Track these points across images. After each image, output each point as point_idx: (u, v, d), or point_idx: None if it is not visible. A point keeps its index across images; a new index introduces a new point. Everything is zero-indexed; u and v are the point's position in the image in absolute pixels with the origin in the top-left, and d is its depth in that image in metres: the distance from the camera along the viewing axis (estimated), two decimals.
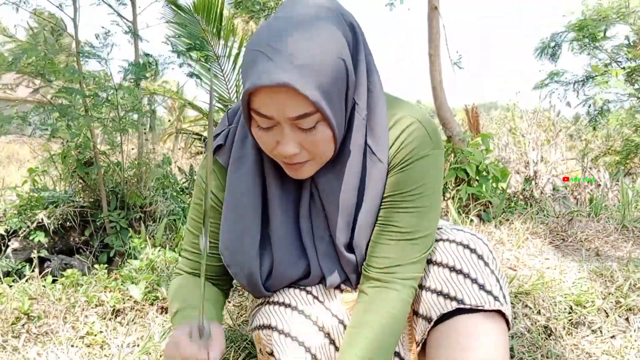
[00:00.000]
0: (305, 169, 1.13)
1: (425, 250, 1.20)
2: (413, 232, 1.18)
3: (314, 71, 0.97)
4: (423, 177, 1.17)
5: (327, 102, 1.01)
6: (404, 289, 1.18)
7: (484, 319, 1.17)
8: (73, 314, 1.89)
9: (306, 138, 1.06)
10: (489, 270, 1.21)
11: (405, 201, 1.18)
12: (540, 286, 2.03)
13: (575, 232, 2.88)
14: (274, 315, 1.23)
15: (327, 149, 1.10)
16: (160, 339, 1.66)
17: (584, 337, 1.94)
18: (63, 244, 4.06)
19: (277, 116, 1.01)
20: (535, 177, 5.27)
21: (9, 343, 1.73)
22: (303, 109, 0.99)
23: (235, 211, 1.24)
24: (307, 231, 1.25)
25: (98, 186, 4.03)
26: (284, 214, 1.24)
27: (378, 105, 1.18)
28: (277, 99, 0.99)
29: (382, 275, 1.18)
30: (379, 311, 1.17)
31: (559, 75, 6.97)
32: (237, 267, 1.25)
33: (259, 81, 0.96)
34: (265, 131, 1.07)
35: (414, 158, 1.17)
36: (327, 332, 1.23)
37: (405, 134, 1.18)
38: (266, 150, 1.12)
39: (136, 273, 2.26)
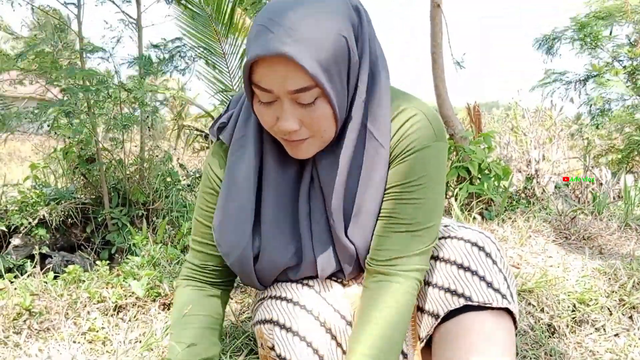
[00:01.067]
0: (306, 146, 1.13)
1: (429, 243, 1.19)
2: (415, 224, 1.17)
3: (314, 45, 0.98)
4: (425, 168, 1.17)
5: (326, 77, 1.01)
6: (407, 281, 1.17)
7: (491, 317, 1.17)
8: (75, 310, 1.89)
9: (306, 114, 1.06)
10: (497, 268, 1.21)
11: (407, 192, 1.17)
12: (543, 284, 2.03)
13: (578, 230, 2.87)
14: (276, 309, 1.23)
15: (328, 127, 1.10)
16: (162, 335, 1.65)
17: (588, 335, 1.93)
18: (64, 240, 4.05)
19: (277, 90, 1.02)
20: (536, 176, 5.27)
21: (11, 339, 1.72)
22: (302, 82, 1.00)
23: (231, 190, 1.24)
24: (305, 215, 1.25)
25: (100, 183, 4.03)
26: (279, 196, 1.24)
27: (382, 91, 1.18)
28: (277, 71, 1.00)
29: (384, 268, 1.18)
30: (383, 306, 1.16)
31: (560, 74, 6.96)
32: (227, 246, 1.25)
33: (259, 51, 0.98)
34: (266, 106, 1.08)
35: (415, 148, 1.16)
36: (328, 327, 1.23)
37: (408, 125, 1.17)
38: (266, 126, 1.12)
39: (138, 269, 2.26)
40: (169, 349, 1.29)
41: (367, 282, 1.21)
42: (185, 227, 3.21)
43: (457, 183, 4.03)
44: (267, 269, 1.26)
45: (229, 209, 1.24)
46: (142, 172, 4.27)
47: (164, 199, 4.19)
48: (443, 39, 4.42)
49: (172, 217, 4.00)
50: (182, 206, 4.24)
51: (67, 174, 4.34)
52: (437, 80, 4.39)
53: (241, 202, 1.23)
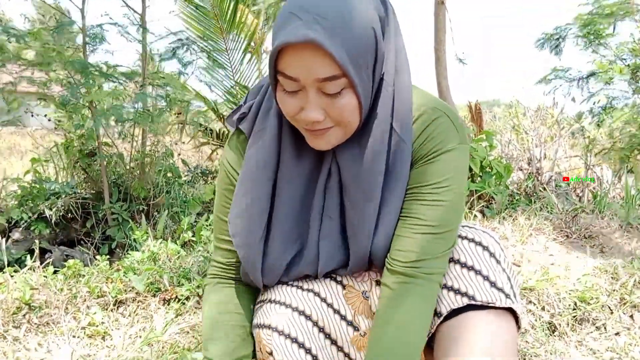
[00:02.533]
0: (328, 137, 1.11)
1: (451, 245, 1.18)
2: (439, 226, 1.16)
3: (343, 33, 0.97)
4: (449, 170, 1.16)
5: (354, 67, 1.00)
6: (430, 284, 1.16)
7: (494, 316, 1.16)
8: (74, 305, 1.88)
9: (331, 104, 1.04)
10: (501, 268, 1.20)
11: (432, 194, 1.16)
12: (544, 282, 2.02)
13: (579, 229, 2.87)
14: (275, 315, 1.21)
15: (352, 117, 1.08)
16: (162, 330, 1.65)
17: (588, 333, 1.93)
18: (64, 235, 4.05)
19: (303, 78, 1.00)
20: (537, 174, 5.26)
21: (10, 333, 1.72)
22: (330, 70, 0.98)
23: (246, 182, 1.22)
24: (318, 210, 1.23)
25: (100, 178, 4.02)
26: (294, 191, 1.22)
27: (404, 87, 1.17)
28: (304, 59, 0.98)
29: (407, 269, 1.16)
30: (406, 308, 1.15)
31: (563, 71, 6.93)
32: (240, 239, 1.24)
33: (287, 38, 0.96)
34: (290, 95, 1.06)
35: (441, 150, 1.16)
36: (328, 332, 1.22)
37: (433, 126, 1.16)
38: (289, 115, 1.10)
39: (138, 264, 2.25)
40: (203, 347, 1.27)
41: (388, 281, 1.19)
42: (185, 222, 3.21)
43: None
44: (274, 265, 1.25)
45: (244, 201, 1.23)
46: (143, 167, 4.27)
47: (165, 194, 4.19)
48: (446, 36, 4.42)
49: (172, 212, 4.00)
50: (182, 201, 4.23)
51: (68, 168, 4.34)
52: (440, 77, 4.39)
53: (256, 196, 1.22)
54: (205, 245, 2.64)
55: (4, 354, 1.62)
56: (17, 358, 1.60)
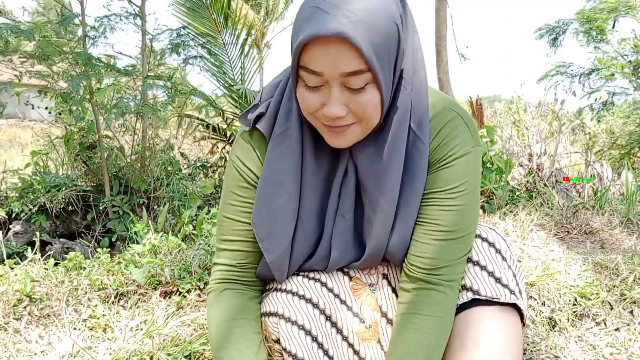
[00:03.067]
0: (350, 133, 1.09)
1: (468, 250, 1.19)
2: (457, 231, 1.16)
3: (369, 28, 0.96)
4: (465, 174, 1.16)
5: (378, 62, 0.99)
6: (451, 291, 1.17)
7: (499, 312, 1.17)
8: (75, 297, 1.88)
9: (354, 99, 1.03)
10: (506, 264, 1.20)
11: (449, 199, 1.16)
12: (545, 277, 2.02)
13: (580, 225, 2.87)
14: (281, 302, 1.21)
15: (374, 114, 1.07)
16: (163, 323, 1.65)
17: (588, 329, 1.93)
18: (65, 227, 4.05)
19: (328, 72, 0.99)
20: (538, 170, 5.26)
21: (11, 325, 1.72)
22: (356, 64, 0.98)
23: (275, 186, 1.20)
24: (333, 210, 1.23)
25: (101, 170, 4.02)
26: (315, 192, 1.22)
27: (421, 86, 1.16)
28: (330, 53, 0.97)
29: (428, 276, 1.16)
30: (429, 315, 1.15)
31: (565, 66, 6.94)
32: (271, 243, 1.21)
33: (314, 31, 0.95)
34: (312, 91, 1.05)
35: (456, 155, 1.15)
36: (334, 321, 1.22)
37: (448, 129, 1.16)
38: (309, 111, 1.09)
39: (139, 257, 2.25)
40: (215, 356, 1.24)
41: (409, 287, 1.19)
42: (186, 215, 3.21)
43: None
44: (293, 264, 1.24)
45: (273, 204, 1.20)
46: (144, 161, 4.27)
47: (165, 187, 4.19)
48: (447, 32, 4.41)
49: (173, 205, 4.00)
50: (182, 195, 4.23)
51: (68, 161, 4.34)
52: (441, 73, 4.38)
53: (287, 198, 1.19)
54: (206, 239, 2.64)
55: (5, 346, 1.62)
56: (18, 350, 1.60)
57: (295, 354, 1.18)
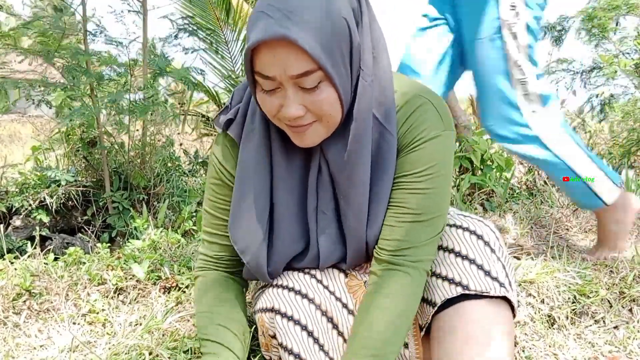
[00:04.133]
0: (312, 132, 1.11)
1: (437, 233, 1.19)
2: (424, 214, 1.16)
3: (315, 27, 0.97)
4: (434, 158, 1.16)
5: (329, 60, 1.00)
6: (416, 272, 1.16)
7: (489, 306, 1.17)
8: (75, 292, 1.89)
9: (310, 99, 1.05)
10: (495, 257, 1.20)
11: (416, 182, 1.16)
12: (544, 275, 2.02)
13: (580, 223, 2.87)
14: (278, 298, 1.22)
15: (333, 111, 1.08)
16: (162, 318, 1.65)
17: (587, 327, 1.94)
18: (65, 223, 4.05)
19: (279, 75, 1.01)
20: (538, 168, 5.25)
21: (10, 319, 1.72)
22: (304, 65, 0.99)
23: (243, 187, 1.23)
24: (313, 207, 1.24)
25: (101, 166, 4.02)
26: (289, 190, 1.23)
27: (385, 75, 1.16)
28: (278, 56, 0.99)
29: (393, 257, 1.17)
30: (391, 294, 1.15)
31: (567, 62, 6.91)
32: (244, 245, 1.24)
33: (260, 36, 0.97)
34: (269, 94, 1.07)
35: (425, 138, 1.15)
36: (330, 316, 1.23)
37: (417, 114, 1.16)
38: (270, 114, 1.11)
39: (139, 252, 2.25)
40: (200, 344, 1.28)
41: (375, 269, 1.20)
42: (186, 211, 3.21)
43: (459, 174, 4.02)
44: (277, 263, 1.25)
45: (243, 207, 1.24)
46: (144, 157, 4.26)
47: (166, 183, 4.19)
48: None
49: (173, 201, 4.00)
50: (183, 191, 4.23)
51: (69, 156, 4.34)
52: None
53: (254, 199, 1.22)
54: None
55: (4, 340, 1.62)
56: (18, 344, 1.60)
57: (291, 349, 1.19)
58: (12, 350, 1.55)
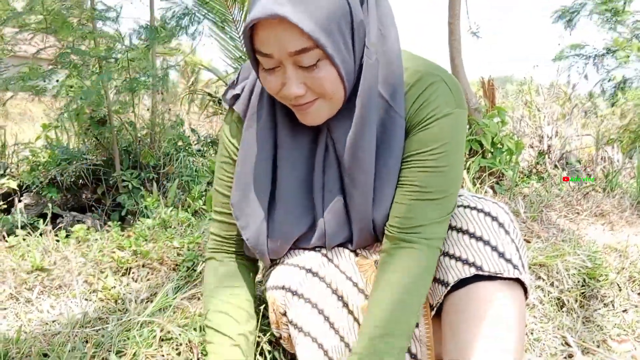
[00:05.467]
0: (315, 110, 1.11)
1: (449, 211, 1.18)
2: (435, 192, 1.16)
3: (311, 4, 0.97)
4: (445, 136, 1.15)
5: (327, 37, 1.00)
6: (429, 249, 1.16)
7: (502, 287, 1.16)
8: (86, 269, 1.90)
9: (310, 77, 1.05)
10: (509, 238, 1.20)
11: (428, 160, 1.15)
12: (554, 258, 2.02)
13: (590, 207, 2.86)
14: (289, 276, 1.22)
15: (335, 89, 1.08)
16: (173, 296, 1.66)
17: (596, 310, 1.94)
18: (75, 201, 4.08)
19: (277, 54, 1.01)
20: (549, 152, 5.23)
21: (23, 295, 1.74)
22: (300, 43, 0.99)
23: (246, 165, 1.24)
24: (320, 186, 1.24)
25: (111, 145, 4.03)
26: (294, 169, 1.23)
27: (392, 53, 1.15)
28: (275, 34, 0.99)
29: (405, 235, 1.16)
30: (404, 271, 1.15)
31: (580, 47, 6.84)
32: (244, 221, 1.25)
33: (257, 15, 0.97)
34: (270, 73, 1.07)
35: (437, 116, 1.14)
36: (340, 294, 1.23)
37: (429, 92, 1.15)
38: (273, 93, 1.12)
39: (149, 231, 2.26)
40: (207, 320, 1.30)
41: (387, 247, 1.20)
42: (196, 191, 3.22)
43: (469, 156, 4.01)
44: (280, 242, 1.26)
45: (246, 184, 1.24)
46: (153, 136, 4.27)
47: (175, 162, 4.20)
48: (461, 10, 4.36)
49: (182, 181, 4.01)
50: (192, 170, 4.24)
51: (79, 134, 4.35)
52: (454, 52, 4.34)
53: (257, 177, 1.23)
54: None
55: (17, 315, 1.64)
56: (30, 319, 1.62)
57: (301, 327, 1.20)
58: (24, 325, 1.57)
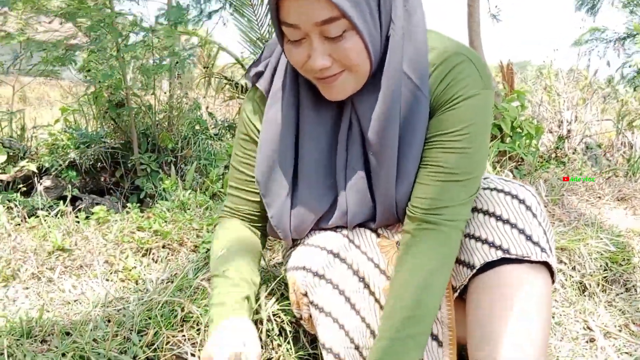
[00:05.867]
0: (341, 83, 1.10)
1: (473, 193, 1.16)
2: (461, 174, 1.14)
3: None
4: (472, 116, 1.13)
5: (353, 8, 0.99)
6: (452, 231, 1.15)
7: (529, 270, 1.15)
8: (107, 250, 1.91)
9: (336, 48, 1.04)
10: (537, 221, 1.18)
11: (454, 141, 1.14)
12: (576, 242, 2.00)
13: (612, 191, 2.82)
14: (309, 257, 1.22)
15: (360, 60, 1.07)
16: (193, 276, 1.67)
17: (618, 294, 1.92)
18: (94, 184, 4.10)
19: (303, 24, 1.01)
20: (568, 137, 5.17)
21: (44, 274, 1.75)
22: (327, 12, 0.98)
23: (269, 142, 1.23)
24: (343, 163, 1.23)
25: (129, 128, 4.04)
26: (317, 146, 1.23)
27: (417, 31, 1.14)
28: (302, 4, 0.99)
29: (429, 216, 1.15)
30: (429, 253, 1.14)
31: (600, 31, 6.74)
32: (270, 197, 1.26)
33: None
34: (295, 45, 1.06)
35: (463, 96, 1.12)
36: (361, 275, 1.22)
37: (455, 72, 1.13)
38: (297, 66, 1.11)
39: (168, 213, 2.27)
40: (211, 268, 1.32)
41: (409, 228, 1.18)
42: (213, 174, 3.22)
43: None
44: (303, 220, 1.25)
45: (270, 161, 1.24)
46: (171, 119, 4.28)
47: (193, 146, 4.21)
48: None
49: (200, 164, 4.02)
50: (210, 154, 4.25)
51: (97, 118, 4.37)
52: (473, 34, 4.29)
53: (280, 154, 1.23)
54: None
55: (39, 295, 1.66)
56: (52, 299, 1.63)
57: (322, 308, 1.19)
58: (47, 304, 1.58)
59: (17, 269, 1.75)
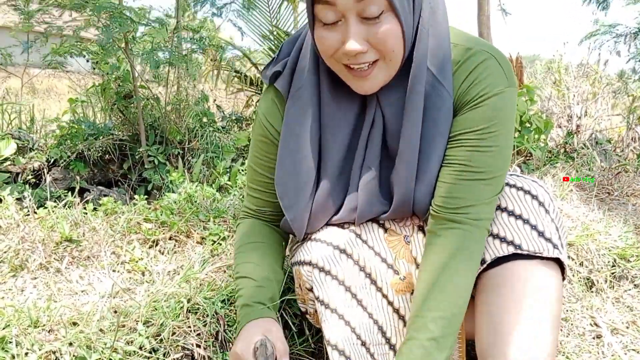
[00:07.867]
0: (374, 75, 1.08)
1: (498, 191, 1.15)
2: (486, 172, 1.12)
3: None
4: (497, 114, 1.11)
5: None
6: (478, 230, 1.13)
7: (541, 266, 1.14)
8: (114, 241, 1.91)
9: (373, 31, 1.02)
10: (549, 217, 1.17)
11: (479, 139, 1.12)
12: (584, 238, 1.99)
13: (621, 187, 2.81)
14: (315, 252, 1.21)
15: (396, 46, 1.05)
16: (200, 268, 1.67)
17: (626, 291, 1.91)
18: (102, 176, 4.12)
19: (341, 2, 0.98)
20: (578, 131, 5.14)
21: (52, 265, 1.76)
22: None
23: (291, 145, 1.22)
24: (359, 164, 1.22)
25: (137, 120, 4.05)
26: (339, 147, 1.21)
27: (441, 29, 1.13)
28: None
29: (454, 216, 1.13)
30: (456, 253, 1.12)
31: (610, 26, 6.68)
32: (289, 201, 1.24)
33: None
34: (329, 29, 1.04)
35: (488, 94, 1.11)
36: (368, 272, 1.21)
37: (480, 69, 1.12)
38: (328, 53, 1.08)
39: (175, 205, 2.27)
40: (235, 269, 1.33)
41: (435, 228, 1.17)
42: (220, 167, 3.23)
43: None
44: (318, 219, 1.25)
45: (291, 165, 1.23)
46: (179, 112, 4.28)
47: (200, 139, 4.21)
48: None
49: (207, 157, 4.02)
50: (217, 147, 4.25)
51: (105, 110, 4.38)
52: (482, 28, 4.27)
53: (303, 155, 1.21)
54: (240, 190, 2.66)
55: (47, 285, 1.66)
56: (59, 289, 1.64)
57: (327, 303, 1.19)
58: (54, 294, 1.59)
59: (25, 260, 1.76)
